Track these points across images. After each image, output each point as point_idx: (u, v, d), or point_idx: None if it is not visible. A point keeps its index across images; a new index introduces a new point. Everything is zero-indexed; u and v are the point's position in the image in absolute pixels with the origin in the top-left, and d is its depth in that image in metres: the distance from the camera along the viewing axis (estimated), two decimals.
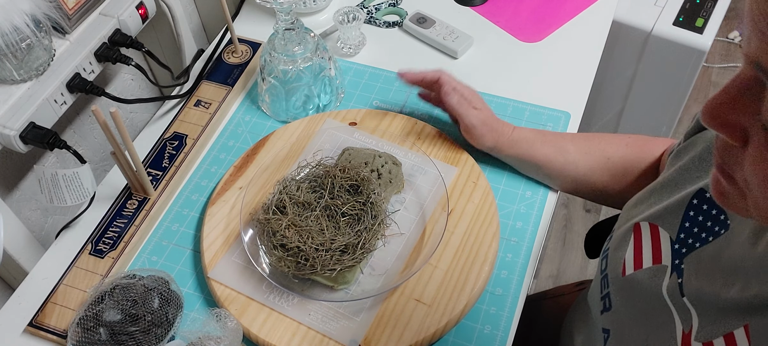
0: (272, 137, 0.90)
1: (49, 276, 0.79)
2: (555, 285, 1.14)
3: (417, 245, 0.77)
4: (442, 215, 0.77)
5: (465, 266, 0.75)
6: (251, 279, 0.75)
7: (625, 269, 0.58)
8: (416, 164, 0.85)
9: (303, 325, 0.71)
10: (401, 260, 0.76)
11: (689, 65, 1.43)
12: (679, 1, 1.46)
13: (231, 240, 0.79)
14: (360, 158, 0.81)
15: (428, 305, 0.72)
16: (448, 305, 0.72)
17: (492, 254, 0.75)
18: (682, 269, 0.51)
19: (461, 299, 0.72)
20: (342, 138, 0.88)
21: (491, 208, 0.80)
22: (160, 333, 0.70)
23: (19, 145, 0.76)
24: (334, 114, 0.92)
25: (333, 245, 0.70)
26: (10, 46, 0.73)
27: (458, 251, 0.76)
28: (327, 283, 0.72)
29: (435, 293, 0.73)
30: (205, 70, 1.00)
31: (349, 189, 0.76)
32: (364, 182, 0.76)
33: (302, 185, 0.77)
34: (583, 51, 1.02)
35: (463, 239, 0.77)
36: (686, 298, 0.50)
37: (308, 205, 0.75)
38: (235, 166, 0.86)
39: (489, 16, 1.09)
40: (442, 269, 0.75)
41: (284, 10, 0.84)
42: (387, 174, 0.80)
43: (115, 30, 0.87)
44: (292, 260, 0.71)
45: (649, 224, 0.57)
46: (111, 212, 0.83)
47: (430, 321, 0.70)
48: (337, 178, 0.76)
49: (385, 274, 0.75)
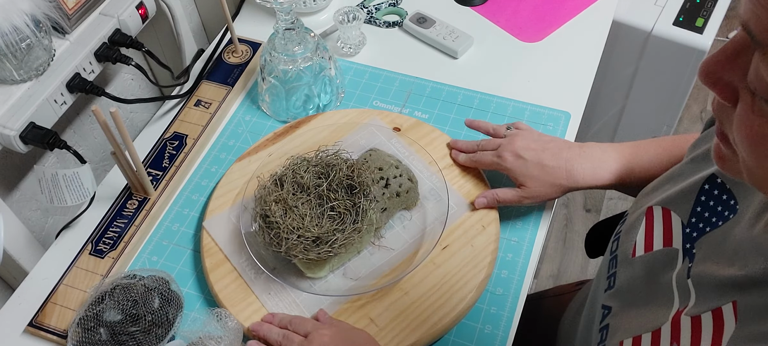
0: (320, 117, 0.91)
1: (49, 276, 0.79)
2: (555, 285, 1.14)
3: (399, 266, 0.75)
4: (433, 248, 0.75)
5: (432, 305, 0.71)
6: (235, 242, 0.78)
7: (635, 251, 0.59)
8: (435, 188, 0.81)
9: (259, 301, 0.73)
10: (378, 273, 0.74)
11: (689, 65, 1.43)
12: (679, 1, 1.46)
13: (237, 199, 0.82)
14: (378, 162, 0.80)
15: (379, 328, 0.70)
16: (398, 335, 0.69)
17: (464, 305, 0.71)
18: (694, 253, 0.52)
19: (412, 335, 0.69)
20: (379, 139, 0.87)
21: (487, 259, 0.75)
22: (161, 333, 0.70)
23: (19, 145, 0.76)
24: (384, 115, 0.91)
25: (306, 233, 0.71)
26: (10, 46, 0.73)
27: (434, 287, 0.73)
28: (299, 267, 0.73)
29: (391, 319, 0.71)
30: (205, 70, 1.00)
31: (347, 188, 0.76)
32: (361, 185, 0.75)
33: (311, 168, 0.77)
34: (583, 51, 1.02)
35: (444, 278, 0.74)
36: (690, 279, 0.51)
37: (306, 188, 0.75)
38: (276, 133, 0.89)
39: (489, 16, 1.09)
40: (411, 299, 0.72)
41: (284, 10, 0.84)
42: (397, 187, 0.78)
43: (115, 30, 0.87)
44: (267, 233, 0.72)
45: (662, 208, 0.57)
46: (111, 212, 0.83)
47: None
48: (341, 173, 0.76)
49: (356, 280, 0.74)
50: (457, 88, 0.97)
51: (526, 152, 0.75)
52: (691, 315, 0.48)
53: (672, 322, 0.50)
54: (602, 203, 1.88)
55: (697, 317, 0.47)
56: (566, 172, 0.73)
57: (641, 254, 0.58)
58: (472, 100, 0.95)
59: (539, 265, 1.76)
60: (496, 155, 0.78)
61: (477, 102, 0.95)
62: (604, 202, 1.88)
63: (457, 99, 0.95)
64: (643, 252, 0.58)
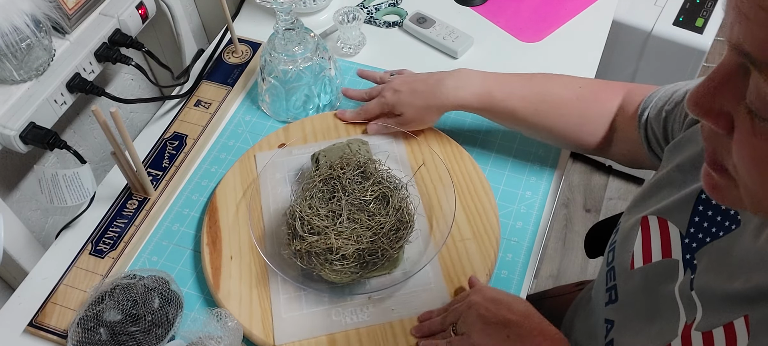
0: (219, 197, 0.83)
1: (49, 276, 0.79)
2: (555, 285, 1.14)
3: (426, 208, 0.80)
4: (435, 176, 0.82)
5: (474, 211, 0.79)
6: (316, 318, 0.71)
7: (633, 263, 0.58)
8: (372, 142, 0.87)
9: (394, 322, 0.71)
10: (421, 221, 0.79)
11: (689, 65, 1.43)
12: (679, 1, 1.46)
13: (266, 302, 0.73)
14: (334, 154, 0.81)
15: (473, 238, 0.77)
16: (486, 231, 0.77)
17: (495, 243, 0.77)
18: (695, 264, 0.51)
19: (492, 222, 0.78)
20: (283, 161, 0.86)
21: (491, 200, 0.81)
22: (161, 333, 0.70)
23: (19, 145, 0.76)
24: (258, 146, 0.89)
25: (383, 229, 0.70)
26: (10, 46, 0.73)
27: (463, 202, 0.80)
28: (382, 272, 0.72)
29: (468, 227, 0.78)
30: (205, 70, 1.00)
31: (357, 178, 0.76)
32: (367, 164, 0.77)
33: (312, 202, 0.74)
34: (583, 51, 1.02)
35: (470, 231, 0.78)
36: (694, 291, 0.50)
37: (333, 213, 0.72)
38: (208, 244, 0.78)
39: (489, 16, 1.09)
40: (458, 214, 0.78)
41: (284, 10, 0.84)
42: (366, 154, 0.81)
43: (115, 30, 0.87)
44: (355, 265, 0.69)
45: (658, 218, 0.57)
46: (111, 212, 0.83)
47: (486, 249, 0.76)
48: (344, 174, 0.76)
49: (418, 238, 0.77)
50: None
51: (402, 86, 0.84)
52: (702, 330, 0.47)
53: (682, 337, 0.49)
54: (602, 203, 1.88)
55: (709, 332, 0.46)
56: (433, 91, 0.81)
57: (640, 265, 0.57)
58: None
59: (539, 265, 1.76)
60: (379, 98, 0.87)
61: None
62: (604, 202, 1.88)
63: None
64: (642, 263, 0.57)
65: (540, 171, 0.86)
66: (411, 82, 0.84)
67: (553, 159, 0.87)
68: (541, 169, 0.86)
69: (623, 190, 1.89)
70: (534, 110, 0.77)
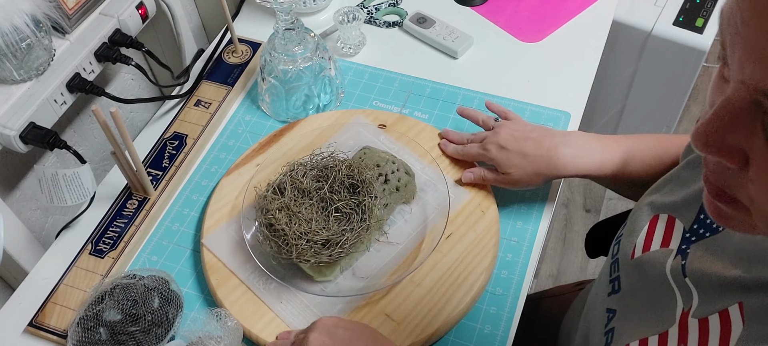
0: (303, 122, 0.91)
1: (49, 276, 0.79)
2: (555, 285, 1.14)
3: (407, 260, 0.75)
4: (440, 237, 0.75)
5: (446, 293, 0.72)
6: (239, 255, 0.77)
7: (634, 253, 0.59)
8: (430, 179, 0.82)
9: (272, 311, 0.72)
10: (387, 270, 0.74)
11: (689, 65, 1.43)
12: (679, 1, 1.46)
13: (234, 213, 0.81)
14: (374, 159, 0.81)
15: (397, 322, 0.70)
16: (418, 326, 0.70)
17: (477, 288, 0.73)
18: (688, 252, 0.52)
19: (432, 324, 0.70)
20: (367, 137, 0.88)
21: (491, 241, 0.77)
22: (161, 333, 0.70)
23: (19, 145, 0.76)
24: (368, 113, 0.91)
25: (315, 237, 0.71)
26: (10, 46, 0.73)
27: (444, 275, 0.74)
28: (309, 272, 0.73)
29: (408, 312, 0.71)
30: (205, 70, 1.00)
31: (349, 187, 0.76)
32: (363, 183, 0.75)
33: (309, 172, 0.77)
34: (583, 51, 1.02)
35: (453, 265, 0.75)
36: (688, 278, 0.51)
37: (307, 192, 0.75)
38: (260, 143, 0.88)
39: (489, 16, 1.09)
40: (424, 290, 0.73)
41: (284, 10, 0.84)
42: (396, 182, 0.79)
43: (115, 30, 0.87)
44: (275, 242, 0.72)
45: (668, 216, 0.57)
46: (111, 212, 0.83)
47: (395, 338, 0.69)
48: (341, 173, 0.76)
49: (367, 279, 0.74)
50: (457, 89, 0.97)
51: (509, 143, 0.77)
52: (699, 317, 0.48)
53: (679, 324, 0.50)
54: (602, 203, 1.88)
55: (705, 319, 0.47)
56: (547, 160, 0.75)
57: (639, 254, 0.58)
58: (472, 100, 0.95)
59: (539, 265, 1.76)
60: (482, 147, 0.80)
61: (477, 102, 0.95)
62: (604, 202, 1.88)
63: (457, 99, 0.95)
64: (641, 253, 0.58)
65: None
66: (520, 142, 0.76)
67: None
68: None
69: None
70: (654, 174, 0.71)
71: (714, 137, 0.33)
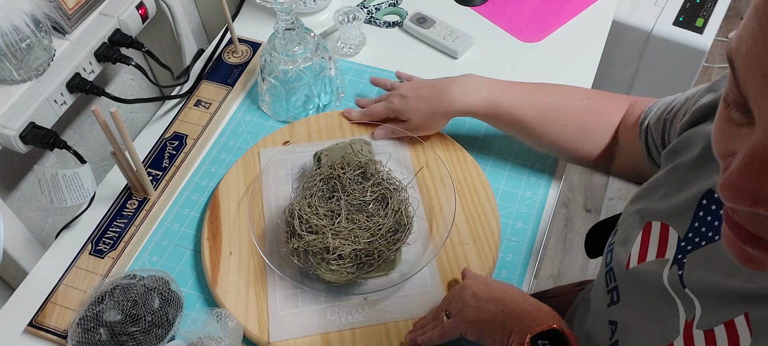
0: (221, 193, 0.83)
1: (49, 276, 0.79)
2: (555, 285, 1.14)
3: (427, 209, 0.80)
4: (437, 178, 0.82)
5: (474, 212, 0.79)
6: (312, 317, 0.72)
7: (629, 263, 0.58)
8: (375, 143, 0.87)
9: (389, 323, 0.71)
10: (421, 222, 0.79)
11: (689, 65, 1.43)
12: (679, 1, 1.46)
13: (263, 299, 0.74)
14: (336, 153, 0.81)
15: (472, 242, 0.77)
16: (485, 236, 0.77)
17: (496, 235, 0.78)
18: (684, 262, 0.52)
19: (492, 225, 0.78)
20: (286, 158, 0.86)
21: (487, 191, 0.82)
22: (161, 333, 0.70)
23: (19, 145, 0.76)
24: (262, 142, 0.89)
25: (381, 230, 0.70)
26: (10, 46, 0.73)
27: (464, 207, 0.80)
28: (380, 273, 0.72)
29: (469, 231, 0.78)
30: (205, 70, 1.00)
31: (357, 178, 0.76)
32: (368, 165, 0.77)
33: (312, 201, 0.74)
34: (583, 51, 1.02)
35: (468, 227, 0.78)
36: (688, 289, 0.50)
37: (332, 212, 0.73)
38: (208, 239, 0.79)
39: (489, 16, 1.09)
40: (459, 212, 0.79)
41: (284, 10, 0.84)
42: (368, 154, 0.82)
43: (115, 30, 0.87)
44: (351, 265, 0.69)
45: (661, 224, 0.57)
46: (111, 212, 0.83)
47: (484, 255, 0.76)
48: (344, 174, 0.76)
49: (418, 239, 0.77)
50: None
51: (409, 92, 0.85)
52: (704, 329, 0.47)
53: (684, 335, 0.49)
54: (602, 203, 1.88)
55: (710, 331, 0.46)
56: (439, 99, 0.81)
57: (635, 265, 0.57)
58: None
59: (539, 265, 1.76)
60: (387, 102, 0.87)
61: None
62: (605, 202, 1.88)
63: None
64: (637, 263, 0.57)
65: (540, 171, 0.86)
66: (418, 89, 0.84)
67: (553, 159, 0.87)
68: (541, 169, 0.86)
69: (623, 190, 1.89)
70: (541, 119, 0.77)
71: (747, 189, 0.31)
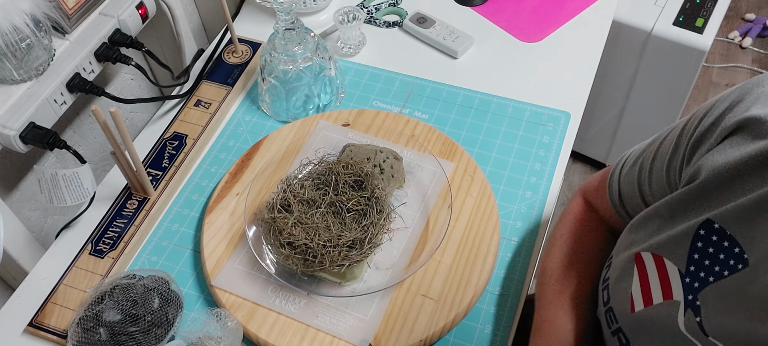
0: (266, 142, 0.89)
1: (49, 276, 0.79)
2: None
3: (421, 239, 0.77)
4: (444, 208, 0.78)
5: (469, 259, 0.75)
6: (256, 284, 0.75)
7: (633, 305, 0.55)
8: (413, 160, 0.85)
9: (312, 327, 0.71)
10: (406, 254, 0.76)
11: (689, 65, 1.43)
12: (679, 1, 1.46)
13: (232, 246, 0.78)
14: (362, 154, 0.82)
15: (435, 299, 0.72)
16: (455, 298, 0.72)
17: (494, 246, 0.76)
18: (699, 305, 0.48)
19: (467, 292, 0.72)
20: (336, 139, 0.88)
21: (490, 200, 0.80)
22: (160, 333, 0.70)
23: (19, 145, 0.76)
24: (327, 115, 0.92)
25: (340, 241, 0.71)
26: (10, 46, 0.73)
27: (461, 244, 0.77)
28: (334, 279, 0.72)
29: (441, 287, 0.73)
30: (205, 70, 1.00)
31: (353, 185, 0.76)
32: (367, 176, 0.77)
33: (306, 183, 0.77)
34: (583, 51, 1.02)
35: (465, 232, 0.78)
36: (711, 337, 0.47)
37: (313, 202, 0.75)
38: (230, 172, 0.85)
39: (489, 16, 1.09)
40: (446, 263, 0.75)
41: (284, 10, 0.84)
42: (389, 169, 0.81)
43: (115, 30, 0.87)
44: (299, 258, 0.71)
45: (652, 255, 0.53)
46: (111, 212, 0.83)
47: (439, 316, 0.71)
48: (341, 174, 0.77)
49: (391, 268, 0.75)
50: (457, 89, 0.97)
51: None
52: None
53: None
54: None
55: None
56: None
57: (641, 308, 0.54)
58: (473, 100, 0.95)
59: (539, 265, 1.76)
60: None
61: (477, 102, 0.95)
62: None
63: (457, 99, 0.95)
64: (643, 306, 0.54)
65: (540, 171, 0.86)
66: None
67: (553, 159, 0.87)
68: (541, 169, 0.86)
69: None
70: None
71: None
